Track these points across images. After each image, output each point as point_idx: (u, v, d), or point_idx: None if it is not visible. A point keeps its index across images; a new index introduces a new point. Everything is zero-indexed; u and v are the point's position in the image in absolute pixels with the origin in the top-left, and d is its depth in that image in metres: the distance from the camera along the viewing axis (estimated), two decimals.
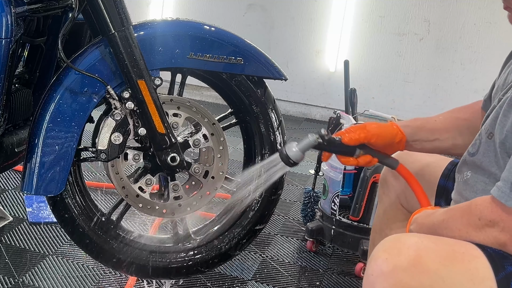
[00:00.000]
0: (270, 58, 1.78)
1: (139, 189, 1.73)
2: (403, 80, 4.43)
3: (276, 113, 1.85)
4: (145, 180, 1.73)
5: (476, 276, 1.11)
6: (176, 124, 1.73)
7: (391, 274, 1.10)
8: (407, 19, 4.33)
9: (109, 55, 1.63)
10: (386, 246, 1.15)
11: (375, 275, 1.12)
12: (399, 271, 1.10)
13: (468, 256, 1.14)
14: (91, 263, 2.06)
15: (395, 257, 1.12)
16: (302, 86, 4.63)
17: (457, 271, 1.12)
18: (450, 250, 1.15)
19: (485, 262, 1.12)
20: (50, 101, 1.62)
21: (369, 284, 1.14)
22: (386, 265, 1.11)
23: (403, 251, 1.12)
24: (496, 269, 1.12)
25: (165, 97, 1.72)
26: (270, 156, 1.73)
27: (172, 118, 1.72)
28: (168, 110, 1.71)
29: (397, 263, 1.11)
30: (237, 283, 2.07)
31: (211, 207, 2.48)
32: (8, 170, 2.51)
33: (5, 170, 1.82)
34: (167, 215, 1.76)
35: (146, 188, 1.73)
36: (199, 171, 1.76)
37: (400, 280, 1.10)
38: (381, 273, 1.11)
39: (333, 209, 2.26)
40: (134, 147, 1.75)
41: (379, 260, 1.13)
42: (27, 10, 1.65)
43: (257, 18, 4.62)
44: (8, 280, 1.92)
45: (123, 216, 1.82)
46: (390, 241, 1.16)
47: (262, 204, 1.87)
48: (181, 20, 1.76)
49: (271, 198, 1.87)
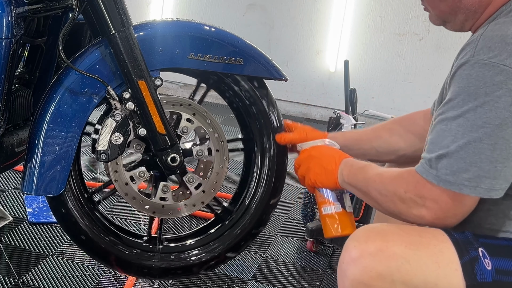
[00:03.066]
0: (270, 59, 1.78)
1: (130, 179, 1.72)
2: (403, 80, 4.43)
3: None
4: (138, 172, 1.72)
5: (442, 259, 1.18)
6: (186, 129, 1.73)
7: (360, 260, 1.18)
8: (407, 19, 4.33)
9: (110, 55, 1.63)
10: (356, 235, 1.24)
11: (346, 262, 1.21)
12: (367, 256, 1.18)
13: (434, 241, 1.20)
14: (91, 263, 2.06)
15: (363, 243, 1.20)
16: (302, 86, 4.63)
17: (423, 255, 1.18)
18: (416, 235, 1.21)
19: (450, 246, 1.19)
20: (50, 101, 1.62)
21: (341, 272, 1.23)
22: (355, 252, 1.20)
23: (370, 238, 1.21)
24: (461, 253, 1.18)
25: (184, 100, 1.74)
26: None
27: (184, 123, 1.73)
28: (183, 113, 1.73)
29: (364, 249, 1.19)
30: (237, 283, 2.07)
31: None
32: (8, 170, 2.52)
33: (5, 170, 1.82)
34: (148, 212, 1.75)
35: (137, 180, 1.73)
36: (193, 180, 1.76)
37: (368, 264, 1.18)
38: (351, 260, 1.20)
39: None
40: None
41: (349, 248, 1.21)
42: (27, 11, 1.65)
43: (257, 18, 4.62)
44: (8, 280, 1.92)
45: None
46: (360, 231, 1.25)
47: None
48: (181, 21, 1.76)
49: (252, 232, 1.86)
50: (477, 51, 1.20)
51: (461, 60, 1.23)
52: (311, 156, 1.53)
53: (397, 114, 3.23)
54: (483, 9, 1.30)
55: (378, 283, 1.16)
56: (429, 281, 1.17)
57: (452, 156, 1.18)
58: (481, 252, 1.19)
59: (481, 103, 1.16)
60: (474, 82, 1.18)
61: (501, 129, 1.15)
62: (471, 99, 1.17)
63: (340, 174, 1.43)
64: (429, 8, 1.38)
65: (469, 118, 1.17)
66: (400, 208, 1.26)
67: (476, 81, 1.17)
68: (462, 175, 1.17)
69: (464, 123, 1.18)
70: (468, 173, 1.17)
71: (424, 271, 1.17)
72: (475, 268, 1.17)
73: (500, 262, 1.18)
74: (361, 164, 1.41)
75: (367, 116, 4.07)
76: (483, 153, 1.16)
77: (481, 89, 1.16)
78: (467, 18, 1.32)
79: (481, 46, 1.20)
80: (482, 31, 1.24)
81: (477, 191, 1.17)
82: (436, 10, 1.36)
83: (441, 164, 1.19)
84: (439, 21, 1.38)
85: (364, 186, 1.34)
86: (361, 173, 1.37)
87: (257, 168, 1.84)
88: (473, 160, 1.16)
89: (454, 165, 1.17)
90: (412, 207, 1.23)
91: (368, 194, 1.34)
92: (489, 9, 1.29)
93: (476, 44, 1.21)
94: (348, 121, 2.30)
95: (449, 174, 1.18)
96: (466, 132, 1.17)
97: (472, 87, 1.18)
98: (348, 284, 1.19)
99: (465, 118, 1.18)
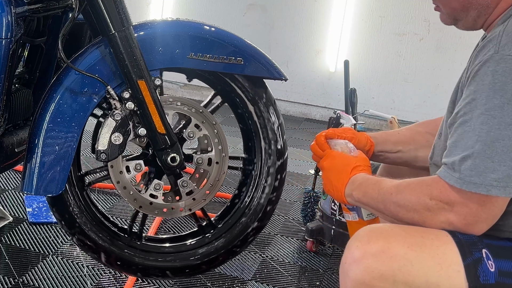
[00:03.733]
0: (270, 58, 1.78)
1: (126, 169, 1.73)
2: (403, 80, 4.43)
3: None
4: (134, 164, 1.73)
5: (444, 261, 1.16)
6: (193, 134, 1.74)
7: (362, 260, 1.17)
8: (407, 19, 4.33)
9: (109, 55, 1.63)
10: (358, 236, 1.22)
11: (348, 262, 1.19)
12: (369, 257, 1.16)
13: (437, 242, 1.18)
14: (91, 263, 2.06)
15: (365, 244, 1.18)
16: (302, 86, 4.63)
17: (426, 256, 1.17)
18: (419, 236, 1.20)
19: (453, 247, 1.17)
20: (50, 101, 1.62)
21: (343, 272, 1.21)
22: (357, 252, 1.18)
23: (373, 238, 1.19)
24: (464, 255, 1.17)
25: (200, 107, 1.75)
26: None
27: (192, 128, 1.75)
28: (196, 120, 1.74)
29: (367, 249, 1.17)
30: (237, 283, 2.07)
31: (212, 207, 2.49)
32: (8, 170, 2.52)
33: (5, 170, 1.82)
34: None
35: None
36: (187, 185, 1.76)
37: (370, 265, 1.16)
38: (353, 260, 1.18)
39: (333, 209, 2.26)
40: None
41: (352, 248, 1.20)
42: (27, 10, 1.65)
43: (257, 18, 4.62)
44: (8, 280, 1.92)
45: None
46: (363, 231, 1.23)
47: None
48: (181, 20, 1.76)
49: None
50: (502, 46, 1.15)
51: (484, 57, 1.17)
52: (323, 168, 1.46)
53: (397, 114, 3.24)
54: (496, 4, 1.26)
55: (380, 283, 1.15)
56: (431, 282, 1.15)
57: (478, 156, 1.13)
58: (484, 254, 1.17)
59: (508, 99, 1.11)
60: (501, 78, 1.12)
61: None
62: (497, 96, 1.12)
63: (349, 195, 1.36)
64: (441, 6, 1.33)
65: (496, 116, 1.12)
66: (425, 217, 1.20)
67: (502, 77, 1.12)
68: (489, 175, 1.12)
69: (489, 121, 1.12)
70: (496, 173, 1.12)
71: (426, 272, 1.15)
72: (478, 269, 1.15)
73: (504, 264, 1.17)
74: (373, 180, 1.33)
75: (367, 116, 4.07)
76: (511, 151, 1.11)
77: (509, 85, 1.12)
78: (479, 15, 1.28)
79: (506, 41, 1.15)
80: (502, 28, 1.19)
81: (507, 191, 1.12)
82: (447, 8, 1.31)
83: (464, 166, 1.14)
84: (450, 20, 1.33)
85: (380, 202, 1.28)
86: (373, 190, 1.30)
87: (250, 191, 1.86)
88: (501, 159, 1.11)
89: (481, 165, 1.12)
90: (439, 213, 1.18)
91: (385, 210, 1.28)
92: (501, 4, 1.26)
93: (499, 40, 1.16)
94: (348, 121, 2.29)
95: (474, 175, 1.13)
96: (492, 130, 1.12)
97: (498, 83, 1.12)
98: (350, 284, 1.18)
99: (490, 116, 1.12)
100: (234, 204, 1.90)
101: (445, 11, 1.32)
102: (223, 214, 1.91)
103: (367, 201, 1.32)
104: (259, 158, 1.85)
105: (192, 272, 1.86)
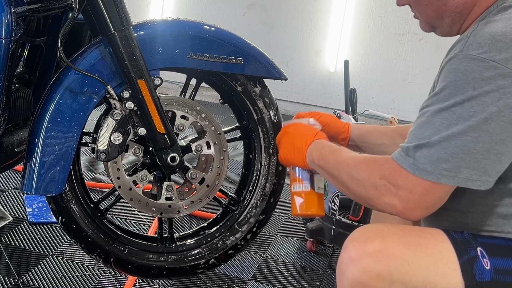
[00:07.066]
0: (270, 58, 1.78)
1: (133, 183, 1.73)
2: (403, 80, 4.43)
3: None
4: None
5: (441, 259, 1.18)
6: (182, 126, 1.73)
7: (359, 260, 1.19)
8: (407, 19, 4.32)
9: (109, 55, 1.63)
10: (355, 236, 1.23)
11: (345, 262, 1.21)
12: (366, 257, 1.18)
13: (433, 241, 1.20)
14: (91, 263, 2.06)
15: (362, 244, 1.20)
16: (302, 86, 4.63)
17: (422, 255, 1.19)
18: (415, 235, 1.22)
19: (449, 246, 1.20)
20: (50, 101, 1.62)
21: (340, 272, 1.22)
22: (354, 252, 1.20)
23: (369, 238, 1.20)
24: (460, 253, 1.19)
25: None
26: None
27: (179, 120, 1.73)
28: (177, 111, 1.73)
29: (364, 249, 1.19)
30: (237, 283, 2.07)
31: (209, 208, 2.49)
32: (8, 170, 2.52)
33: (5, 170, 1.81)
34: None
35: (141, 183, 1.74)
36: (196, 176, 1.76)
37: (367, 265, 1.18)
38: (350, 260, 1.20)
39: (333, 209, 2.26)
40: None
41: (348, 248, 1.21)
42: (27, 10, 1.65)
43: (257, 18, 4.62)
44: (8, 280, 1.92)
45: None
46: (359, 231, 1.25)
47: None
48: (181, 20, 1.76)
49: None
50: (467, 46, 1.19)
51: (450, 55, 1.23)
52: (287, 133, 1.55)
53: (397, 114, 3.24)
54: (469, 10, 1.30)
55: (377, 283, 1.17)
56: (428, 281, 1.17)
57: (433, 147, 1.17)
58: (479, 252, 1.19)
59: (468, 97, 1.16)
60: (462, 76, 1.17)
61: (486, 123, 1.15)
62: (458, 93, 1.17)
63: (310, 155, 1.45)
64: (418, 14, 1.38)
65: (455, 111, 1.17)
66: (371, 194, 1.25)
67: (464, 75, 1.17)
68: (441, 165, 1.16)
69: (449, 116, 1.17)
70: (448, 163, 1.16)
71: (423, 271, 1.17)
72: (474, 267, 1.17)
73: (499, 262, 1.19)
74: (334, 147, 1.41)
75: (367, 116, 4.07)
76: (465, 145, 1.15)
77: (469, 83, 1.16)
78: (454, 21, 1.33)
79: (471, 42, 1.20)
80: (472, 29, 1.24)
81: (456, 180, 1.17)
82: (424, 16, 1.36)
83: (419, 154, 1.19)
84: (428, 27, 1.39)
85: (335, 169, 1.34)
86: (332, 156, 1.37)
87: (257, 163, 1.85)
88: (454, 152, 1.16)
89: (434, 155, 1.17)
90: (384, 194, 1.22)
91: (338, 177, 1.33)
92: (475, 10, 1.30)
93: (466, 41, 1.21)
94: (348, 121, 2.29)
95: (427, 163, 1.17)
96: (451, 125, 1.17)
97: (459, 81, 1.17)
98: (347, 284, 1.20)
99: (451, 111, 1.17)
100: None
101: (422, 19, 1.38)
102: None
103: (324, 165, 1.39)
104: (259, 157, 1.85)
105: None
